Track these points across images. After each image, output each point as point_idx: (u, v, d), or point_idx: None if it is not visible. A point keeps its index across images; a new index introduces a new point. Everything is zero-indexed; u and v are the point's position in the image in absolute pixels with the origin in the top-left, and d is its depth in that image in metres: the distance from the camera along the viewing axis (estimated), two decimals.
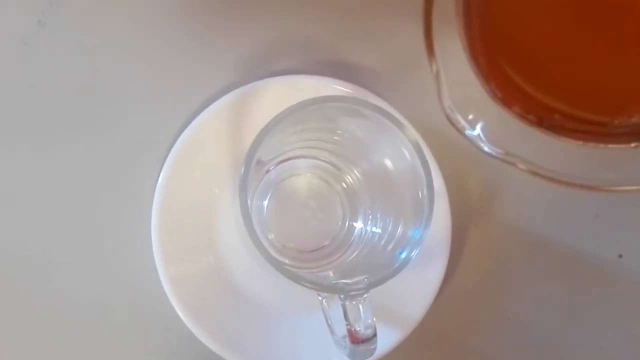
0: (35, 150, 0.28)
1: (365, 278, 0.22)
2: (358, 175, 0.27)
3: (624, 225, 0.33)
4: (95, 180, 0.28)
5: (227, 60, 0.29)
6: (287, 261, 0.27)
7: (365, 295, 0.21)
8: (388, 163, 0.26)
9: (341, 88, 0.28)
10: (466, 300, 0.31)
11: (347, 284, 0.22)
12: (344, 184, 0.28)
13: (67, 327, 0.28)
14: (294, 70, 0.29)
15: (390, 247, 0.24)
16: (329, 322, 0.23)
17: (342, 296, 0.21)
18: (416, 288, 0.28)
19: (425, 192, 0.22)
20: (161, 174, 0.27)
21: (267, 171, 0.27)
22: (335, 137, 0.26)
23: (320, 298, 0.24)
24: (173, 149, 0.27)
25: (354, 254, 0.26)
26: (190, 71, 0.29)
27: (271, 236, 0.28)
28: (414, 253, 0.22)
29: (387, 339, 0.27)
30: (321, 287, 0.21)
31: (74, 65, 0.28)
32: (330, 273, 0.24)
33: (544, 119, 0.19)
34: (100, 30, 0.29)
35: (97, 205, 0.28)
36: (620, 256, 0.32)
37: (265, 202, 0.28)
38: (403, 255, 0.22)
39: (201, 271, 0.28)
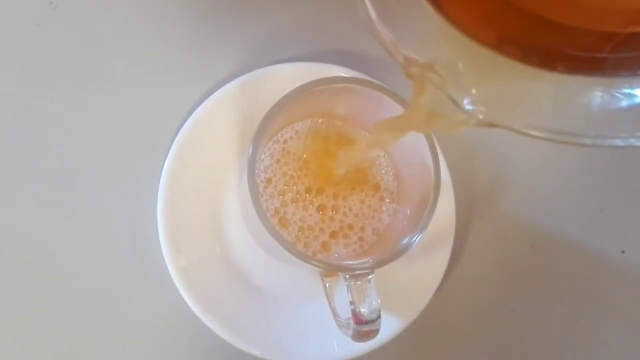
0: (41, 135, 0.28)
1: (370, 259, 0.22)
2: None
3: (629, 221, 0.33)
4: (101, 170, 0.28)
5: (233, 48, 0.29)
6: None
7: (370, 276, 0.21)
8: (395, 151, 0.26)
9: (347, 76, 0.28)
10: (469, 291, 0.31)
11: (352, 264, 0.22)
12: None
13: (76, 319, 0.27)
14: (299, 58, 0.30)
15: (395, 232, 0.24)
16: (332, 305, 0.23)
17: (347, 276, 0.21)
18: (420, 278, 0.28)
19: (431, 179, 0.22)
20: (165, 163, 0.27)
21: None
22: (339, 123, 0.26)
23: (324, 282, 0.24)
24: (177, 138, 0.27)
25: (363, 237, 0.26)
26: (196, 59, 0.29)
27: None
28: (416, 238, 0.22)
29: (390, 326, 0.27)
30: (328, 265, 0.21)
31: (84, 47, 0.28)
32: (336, 255, 0.24)
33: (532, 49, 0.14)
34: (110, 13, 0.29)
35: (103, 197, 0.28)
36: (623, 252, 0.32)
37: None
38: (405, 241, 0.22)
39: (207, 260, 0.27)
